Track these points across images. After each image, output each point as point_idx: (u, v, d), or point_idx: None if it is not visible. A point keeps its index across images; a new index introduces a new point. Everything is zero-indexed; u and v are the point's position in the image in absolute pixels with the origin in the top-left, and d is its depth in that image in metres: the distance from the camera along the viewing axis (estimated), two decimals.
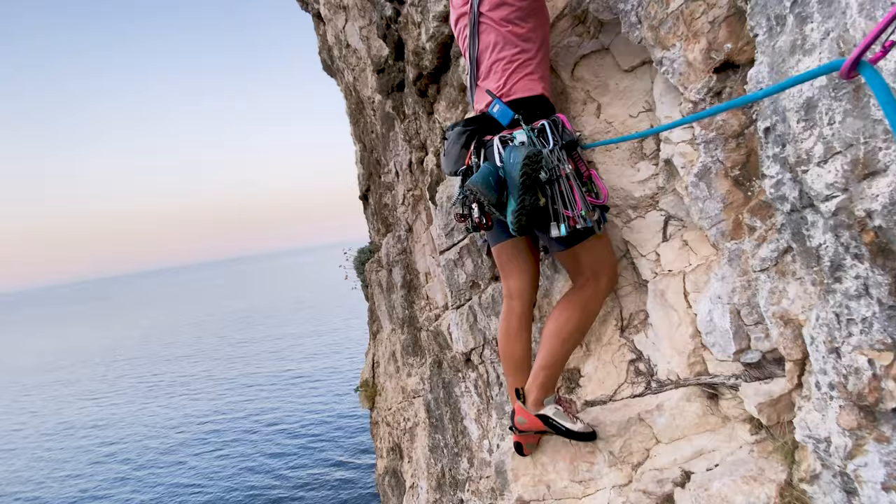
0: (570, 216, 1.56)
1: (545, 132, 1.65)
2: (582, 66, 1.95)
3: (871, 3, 0.78)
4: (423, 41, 2.80)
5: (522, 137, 1.64)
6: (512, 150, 1.56)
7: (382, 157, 4.62)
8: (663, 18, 1.51)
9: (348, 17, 4.11)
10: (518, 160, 1.50)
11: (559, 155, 1.61)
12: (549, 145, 1.62)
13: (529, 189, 1.51)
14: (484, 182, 1.58)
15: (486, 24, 1.73)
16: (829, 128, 0.88)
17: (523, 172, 1.48)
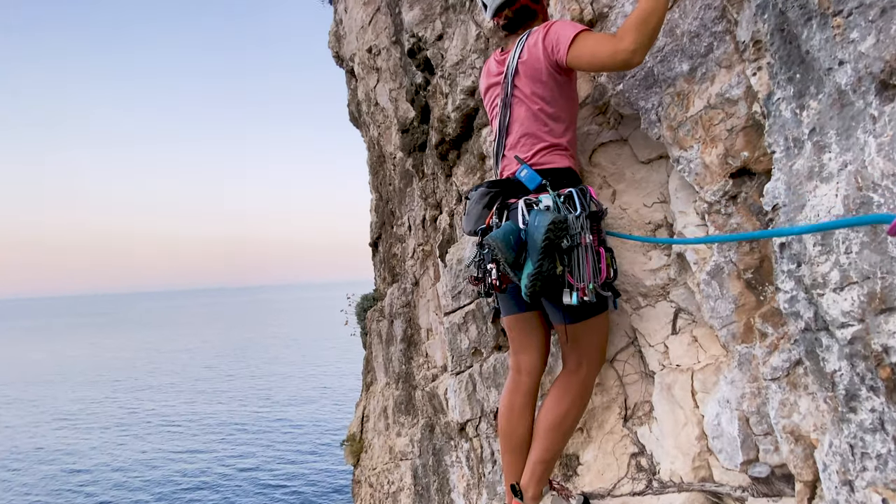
0: (581, 287, 1.54)
1: (572, 199, 1.64)
2: (600, 153, 2.02)
3: (891, 146, 0.82)
4: (449, 110, 2.93)
5: (548, 202, 1.62)
6: (538, 214, 1.54)
7: (397, 209, 4.71)
8: (682, 121, 1.58)
9: (380, 78, 4.33)
10: (543, 224, 1.48)
11: (584, 223, 1.59)
12: (576, 212, 1.61)
13: (549, 254, 1.49)
14: (504, 239, 1.56)
15: (518, 97, 1.76)
16: (846, 256, 0.90)
17: (546, 237, 1.46)
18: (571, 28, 1.61)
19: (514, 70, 1.74)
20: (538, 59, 1.67)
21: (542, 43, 1.65)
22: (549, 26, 1.67)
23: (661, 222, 1.85)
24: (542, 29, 1.69)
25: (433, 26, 2.92)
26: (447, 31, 2.87)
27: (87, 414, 21.15)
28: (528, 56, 1.69)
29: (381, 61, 4.27)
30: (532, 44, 1.69)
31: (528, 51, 1.70)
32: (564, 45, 1.59)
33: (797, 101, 1.07)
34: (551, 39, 1.63)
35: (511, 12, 1.80)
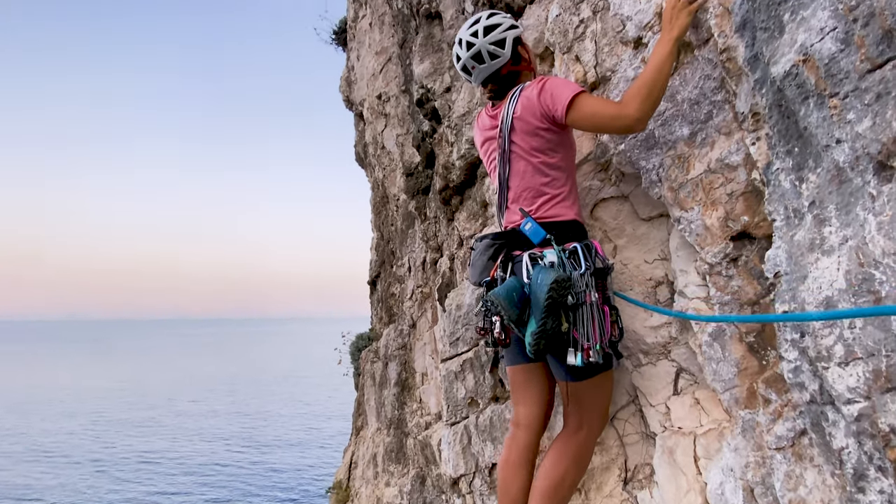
0: (586, 347, 1.52)
1: (577, 254, 1.63)
2: (601, 208, 2.05)
3: (891, 225, 0.84)
4: (454, 158, 3.00)
5: (553, 257, 1.61)
6: (541, 271, 1.52)
7: (398, 249, 4.73)
8: (683, 183, 1.61)
9: (388, 123, 4.46)
10: (546, 282, 1.46)
11: (588, 280, 1.57)
12: (581, 269, 1.59)
13: (553, 312, 1.47)
14: (507, 297, 1.55)
15: (517, 152, 1.77)
16: (850, 331, 0.90)
17: (549, 296, 1.45)
18: (567, 87, 1.63)
19: (509, 125, 1.74)
20: (534, 115, 1.68)
21: (538, 99, 1.66)
22: (544, 82, 1.69)
23: (661, 279, 1.86)
24: (535, 84, 1.70)
25: (442, 79, 3.04)
26: (455, 84, 2.98)
27: (60, 447, 20.22)
28: (522, 112, 1.70)
29: (389, 108, 4.41)
30: (526, 100, 1.70)
31: (521, 107, 1.70)
32: (562, 103, 1.61)
33: (796, 174, 1.10)
34: (546, 96, 1.65)
35: (496, 84, 1.84)
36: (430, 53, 3.10)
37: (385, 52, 4.37)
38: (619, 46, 1.88)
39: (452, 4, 2.81)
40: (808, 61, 0.99)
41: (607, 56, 1.92)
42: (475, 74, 1.85)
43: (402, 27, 3.69)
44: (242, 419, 24.62)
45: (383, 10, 4.27)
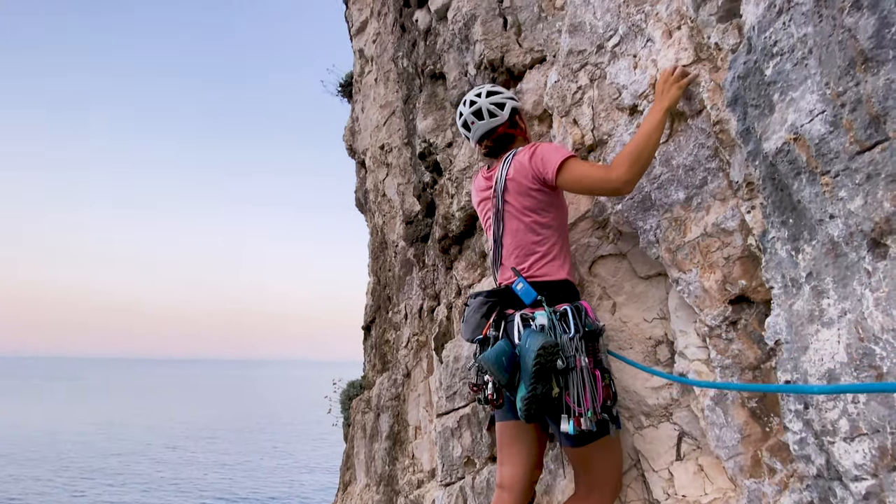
0: (579, 412, 1.51)
1: (567, 317, 1.65)
2: (599, 265, 2.08)
3: (888, 301, 0.86)
4: (454, 210, 3.06)
5: (543, 320, 1.63)
6: (530, 335, 1.55)
7: (395, 296, 4.71)
8: (680, 245, 1.65)
9: (390, 172, 4.57)
10: (534, 348, 1.48)
11: (578, 344, 1.58)
12: (570, 332, 1.60)
13: (542, 378, 1.47)
14: (496, 362, 1.56)
15: (510, 212, 1.84)
16: (854, 406, 0.90)
17: (537, 362, 1.46)
18: (558, 152, 1.74)
19: (503, 186, 1.84)
20: (526, 177, 1.78)
21: (529, 163, 1.77)
22: (536, 147, 1.81)
23: (661, 338, 1.86)
24: (528, 149, 1.82)
25: (444, 135, 3.15)
26: (457, 140, 3.09)
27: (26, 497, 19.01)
28: (515, 173, 1.81)
29: (391, 158, 4.54)
30: (519, 162, 1.81)
31: (514, 169, 1.81)
32: (552, 167, 1.71)
33: (792, 244, 1.14)
34: (538, 160, 1.76)
35: (491, 141, 1.97)
36: (433, 111, 3.23)
37: (389, 106, 4.55)
38: (616, 112, 1.97)
39: (455, 67, 2.97)
40: (799, 140, 1.05)
41: (604, 121, 2.01)
42: (473, 130, 1.98)
43: (407, 84, 3.87)
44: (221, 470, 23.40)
45: (389, 67, 4.48)
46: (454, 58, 2.96)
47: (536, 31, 2.57)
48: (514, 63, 2.64)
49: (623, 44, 1.92)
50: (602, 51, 2.01)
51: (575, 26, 2.12)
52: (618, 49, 1.94)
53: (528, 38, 2.59)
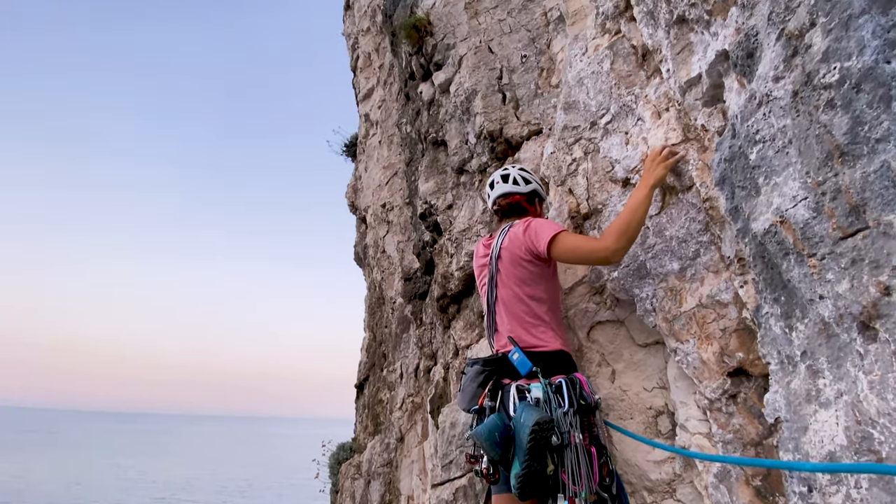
0: (574, 491, 1.46)
1: (562, 390, 1.65)
2: (597, 331, 2.08)
3: (881, 385, 0.87)
4: (453, 269, 3.10)
5: (538, 393, 1.63)
6: (525, 409, 1.54)
7: (391, 353, 4.64)
8: (677, 315, 1.67)
9: (390, 229, 4.65)
10: (529, 423, 1.47)
11: (573, 420, 1.58)
12: (564, 406, 1.60)
13: (537, 454, 1.45)
14: (489, 438, 1.53)
15: (503, 280, 1.90)
16: (857, 491, 0.88)
17: (532, 438, 1.44)
18: (550, 226, 1.82)
19: (497, 254, 1.93)
20: (519, 248, 1.85)
21: (523, 235, 1.86)
22: (530, 222, 1.89)
23: (662, 409, 1.83)
24: (523, 223, 1.91)
25: (445, 197, 3.25)
26: (457, 202, 3.18)
27: None
28: (509, 243, 1.89)
29: (392, 216, 4.64)
30: (514, 233, 1.90)
31: (509, 239, 1.90)
32: (544, 239, 1.78)
33: (785, 321, 1.16)
34: (531, 233, 1.84)
35: (506, 204, 2.07)
36: (434, 174, 3.35)
37: (392, 167, 4.71)
38: (609, 184, 2.06)
39: (457, 135, 3.11)
40: (785, 223, 1.10)
41: (598, 191, 2.10)
42: (496, 189, 2.10)
43: (410, 148, 4.03)
44: None
45: (392, 131, 4.69)
46: (455, 127, 3.11)
47: (533, 105, 2.73)
48: (512, 134, 2.78)
49: (615, 121, 2.04)
50: (595, 127, 2.13)
51: (569, 104, 2.26)
52: (610, 126, 2.06)
53: (526, 112, 2.75)
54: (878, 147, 0.90)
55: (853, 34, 0.95)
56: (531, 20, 2.83)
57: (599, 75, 2.12)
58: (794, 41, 1.13)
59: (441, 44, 3.14)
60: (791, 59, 1.14)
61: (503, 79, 2.87)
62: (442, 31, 3.13)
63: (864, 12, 0.94)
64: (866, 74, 0.92)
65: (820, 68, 1.01)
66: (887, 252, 0.88)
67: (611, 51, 2.09)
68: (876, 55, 0.91)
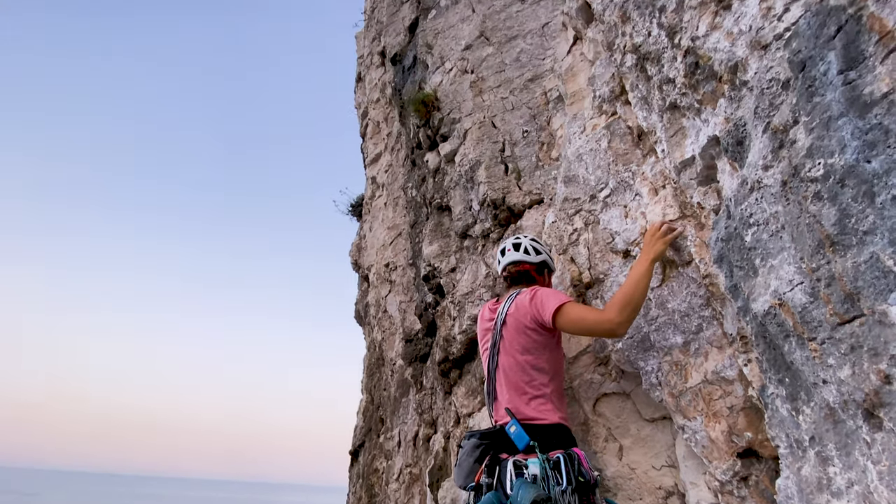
0: None
1: (560, 467, 1.62)
2: (603, 403, 2.05)
3: (890, 476, 0.86)
4: (455, 332, 3.09)
5: (536, 469, 1.60)
6: (521, 486, 1.51)
7: (389, 419, 4.51)
8: (683, 391, 1.66)
9: (392, 289, 4.68)
10: (526, 502, 1.44)
11: (571, 499, 1.55)
12: (563, 484, 1.57)
13: None
14: None
15: (506, 347, 1.90)
16: None
17: None
18: (556, 296, 1.84)
19: (503, 320, 1.93)
20: (525, 315, 1.86)
21: (529, 304, 1.87)
22: (536, 291, 1.92)
23: (672, 489, 1.77)
24: (529, 291, 1.93)
25: (448, 260, 3.31)
26: (460, 266, 3.23)
27: None
28: (515, 310, 1.90)
29: (395, 276, 4.68)
30: (520, 301, 1.91)
31: (516, 306, 1.91)
32: (550, 309, 1.79)
33: (791, 404, 1.16)
34: (537, 302, 1.85)
35: (516, 271, 2.10)
36: (438, 238, 3.43)
37: (396, 228, 4.82)
38: (610, 254, 2.11)
39: (461, 202, 3.22)
40: (784, 306, 1.13)
41: (599, 261, 2.15)
42: (507, 256, 2.13)
43: (415, 211, 4.15)
44: None
45: (398, 194, 4.85)
46: (460, 194, 3.23)
47: (535, 177, 2.85)
48: (514, 203, 2.89)
49: (614, 195, 2.13)
50: (595, 200, 2.22)
51: (569, 178, 2.37)
52: (609, 200, 2.15)
53: (527, 182, 2.87)
54: (866, 239, 0.95)
55: (834, 134, 1.03)
56: (532, 99, 3.02)
57: (597, 152, 2.24)
58: (779, 135, 1.22)
59: (447, 118, 3.32)
60: (778, 151, 1.22)
61: (506, 151, 3.02)
62: (448, 106, 3.33)
63: (843, 115, 1.02)
64: (849, 171, 0.99)
65: (805, 163, 1.09)
66: (884, 340, 0.90)
67: (608, 130, 2.22)
68: (857, 154, 0.98)
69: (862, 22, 1.04)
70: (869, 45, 1.01)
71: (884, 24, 1.00)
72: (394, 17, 4.45)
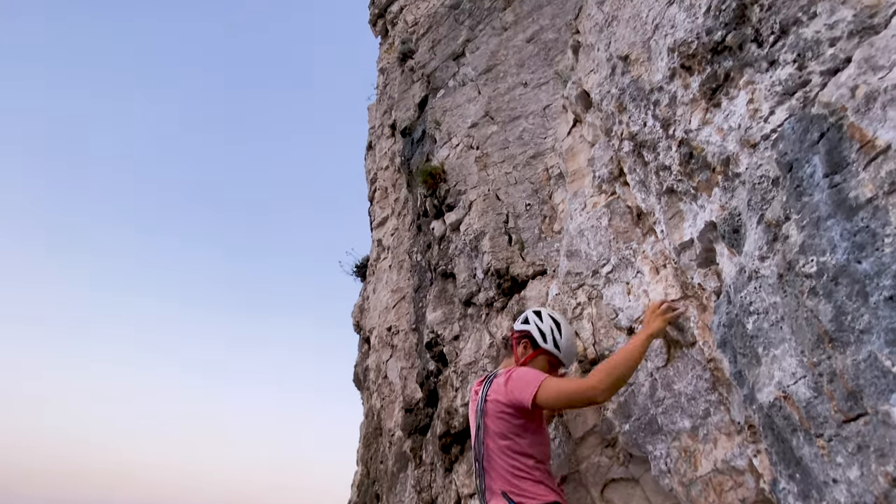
0: None
1: None
2: (611, 489, 1.97)
3: None
4: (458, 404, 3.03)
5: None
6: None
7: (385, 495, 4.29)
8: (693, 479, 1.60)
9: (394, 354, 4.63)
10: None
11: None
12: None
13: None
14: None
15: (489, 433, 1.83)
16: None
17: None
18: (533, 377, 1.78)
19: (482, 407, 1.87)
20: (502, 401, 1.81)
21: (505, 387, 1.81)
22: (511, 372, 1.86)
23: None
24: (505, 373, 1.87)
25: (452, 328, 3.31)
26: (463, 333, 3.23)
27: None
28: (493, 395, 1.85)
29: (398, 340, 4.65)
30: (498, 385, 1.86)
31: (493, 391, 1.86)
32: (529, 392, 1.74)
33: (804, 502, 1.12)
34: (512, 385, 1.80)
35: (514, 339, 2.05)
36: (442, 304, 3.45)
37: (400, 291, 4.85)
38: (614, 331, 2.12)
39: (465, 269, 3.28)
40: (789, 399, 1.13)
41: (604, 337, 2.15)
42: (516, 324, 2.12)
43: (419, 276, 4.20)
44: None
45: (403, 257, 4.92)
46: (464, 262, 3.29)
47: (537, 248, 2.92)
48: (518, 273, 2.93)
49: (616, 271, 2.18)
50: (597, 275, 2.26)
51: (572, 252, 2.43)
52: (611, 275, 2.19)
53: (531, 253, 2.94)
54: (863, 337, 0.97)
55: (824, 234, 1.08)
56: (534, 174, 3.16)
57: (598, 229, 2.31)
58: (773, 228, 1.27)
59: (453, 189, 3.46)
60: (773, 243, 1.27)
61: (509, 223, 3.11)
62: (454, 178, 3.48)
63: (831, 216, 1.08)
64: (841, 270, 1.03)
65: (799, 258, 1.13)
66: (890, 441, 0.90)
67: (608, 209, 2.31)
68: (847, 255, 1.02)
69: (843, 130, 1.12)
70: (851, 151, 1.09)
71: (863, 134, 1.09)
72: (405, 93, 4.76)
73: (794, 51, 1.32)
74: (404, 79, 4.70)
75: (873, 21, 1.17)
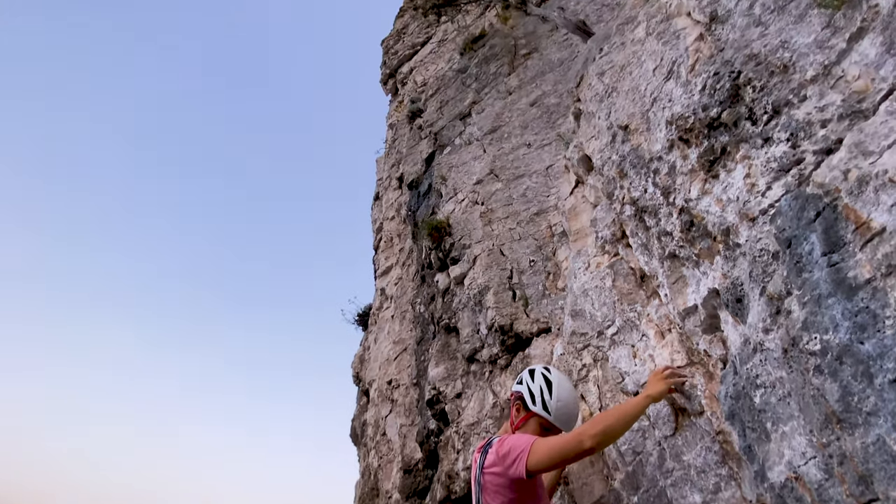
0: None
1: None
2: None
3: None
4: (459, 468, 2.92)
5: None
6: None
7: None
8: None
9: (394, 409, 4.52)
10: None
11: None
12: None
13: None
14: None
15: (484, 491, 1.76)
16: None
17: None
18: (525, 441, 1.70)
19: (479, 478, 1.79)
20: (498, 471, 1.72)
21: (499, 457, 1.73)
22: (505, 440, 1.77)
23: None
24: (498, 443, 1.78)
25: (454, 385, 3.25)
26: (466, 391, 3.17)
27: None
28: (489, 467, 1.76)
29: (398, 395, 4.55)
30: (494, 454, 1.76)
31: (489, 462, 1.77)
32: (520, 461, 1.66)
33: None
34: (505, 453, 1.71)
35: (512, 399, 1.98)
36: (445, 360, 3.41)
37: (402, 342, 4.80)
38: (620, 395, 2.09)
39: (469, 324, 3.27)
40: (800, 480, 1.10)
41: (610, 401, 2.11)
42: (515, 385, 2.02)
43: (422, 328, 4.18)
44: None
45: (406, 308, 4.92)
46: (468, 316, 3.29)
47: (542, 305, 2.92)
48: (522, 330, 2.92)
49: (621, 333, 2.17)
50: (602, 336, 2.25)
51: (576, 312, 2.43)
52: (617, 337, 2.18)
53: (535, 310, 2.94)
54: (870, 420, 0.96)
55: (826, 311, 1.10)
56: (538, 231, 3.22)
57: (602, 290, 2.33)
58: (775, 301, 1.29)
59: (458, 243, 3.51)
60: (776, 317, 1.28)
61: (513, 278, 3.13)
62: (459, 232, 3.54)
63: (831, 295, 1.10)
64: (845, 350, 1.03)
65: (802, 335, 1.14)
66: None
67: (611, 270, 2.33)
68: (849, 334, 1.03)
69: (838, 210, 1.16)
70: (847, 232, 1.12)
71: (858, 216, 1.12)
72: (413, 149, 4.93)
73: (788, 130, 1.39)
74: (413, 135, 4.89)
75: (861, 106, 1.24)
